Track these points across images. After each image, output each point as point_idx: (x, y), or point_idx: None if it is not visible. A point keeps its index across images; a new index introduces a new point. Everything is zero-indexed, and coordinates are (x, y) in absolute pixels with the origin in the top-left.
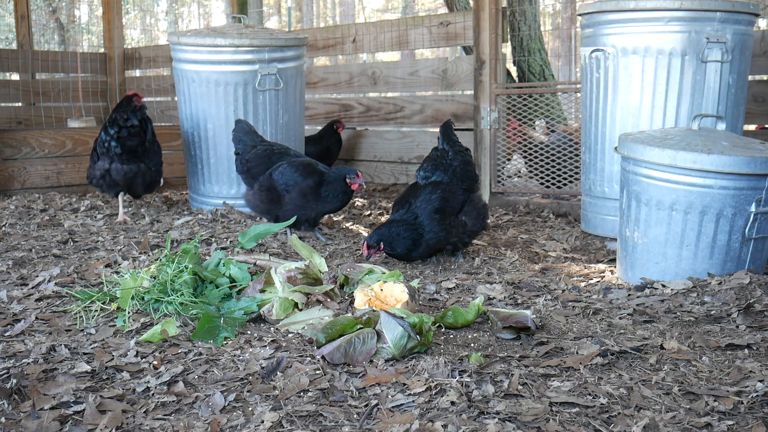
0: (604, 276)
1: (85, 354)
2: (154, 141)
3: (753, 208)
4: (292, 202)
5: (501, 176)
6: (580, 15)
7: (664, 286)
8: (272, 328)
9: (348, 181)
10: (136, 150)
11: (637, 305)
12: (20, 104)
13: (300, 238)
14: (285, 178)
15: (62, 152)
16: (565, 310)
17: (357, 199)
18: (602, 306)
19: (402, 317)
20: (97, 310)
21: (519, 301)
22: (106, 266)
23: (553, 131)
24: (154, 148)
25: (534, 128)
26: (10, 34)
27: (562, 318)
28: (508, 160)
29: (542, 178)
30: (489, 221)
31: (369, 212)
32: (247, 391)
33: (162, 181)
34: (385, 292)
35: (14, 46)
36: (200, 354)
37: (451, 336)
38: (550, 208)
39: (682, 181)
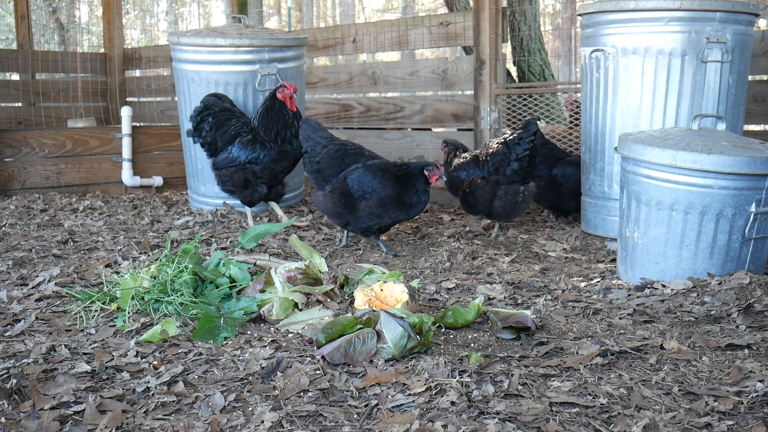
0: (604, 276)
1: (85, 354)
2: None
3: (753, 208)
4: (368, 209)
5: None
6: (580, 15)
7: (664, 286)
8: (272, 328)
9: (426, 172)
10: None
11: (637, 305)
12: (20, 104)
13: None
14: (361, 184)
15: (62, 152)
16: (565, 310)
17: None
18: (602, 306)
19: (402, 317)
20: (97, 310)
21: (519, 301)
22: (106, 266)
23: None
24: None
25: None
26: (10, 34)
27: (562, 318)
28: None
29: None
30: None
31: None
32: (247, 391)
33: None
34: (385, 292)
35: (14, 46)
36: (200, 354)
37: (451, 336)
38: None
39: (682, 181)
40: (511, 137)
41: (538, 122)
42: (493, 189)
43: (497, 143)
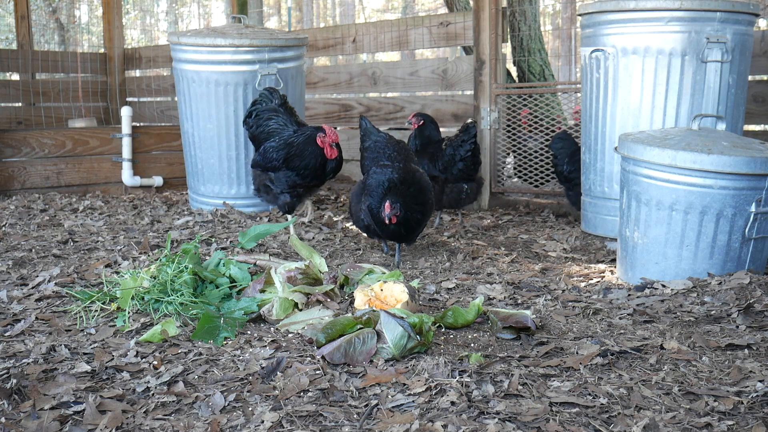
0: (604, 276)
1: (85, 354)
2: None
3: (753, 208)
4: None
5: (501, 176)
6: (580, 15)
7: (664, 286)
8: (272, 328)
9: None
10: None
11: (637, 305)
12: (20, 104)
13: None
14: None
15: (62, 152)
16: (565, 310)
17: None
18: (602, 306)
19: (402, 317)
20: (97, 310)
21: (519, 301)
22: (106, 266)
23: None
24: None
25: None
26: (10, 34)
27: (562, 318)
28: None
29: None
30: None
31: None
32: (247, 391)
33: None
34: (385, 292)
35: (14, 46)
36: (200, 354)
37: (451, 336)
38: (550, 208)
39: (682, 181)
40: (455, 140)
41: (473, 127)
42: (441, 187)
43: (445, 146)
